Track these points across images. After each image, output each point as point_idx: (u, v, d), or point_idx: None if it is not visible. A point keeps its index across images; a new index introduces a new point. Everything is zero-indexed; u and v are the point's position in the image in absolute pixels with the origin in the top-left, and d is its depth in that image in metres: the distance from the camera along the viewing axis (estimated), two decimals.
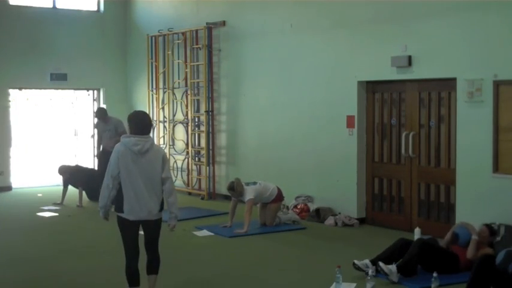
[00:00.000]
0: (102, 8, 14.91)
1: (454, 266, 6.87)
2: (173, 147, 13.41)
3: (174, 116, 13.46)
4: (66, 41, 14.25)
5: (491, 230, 7.15)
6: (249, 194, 9.27)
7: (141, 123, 5.73)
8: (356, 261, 6.93)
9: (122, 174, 5.60)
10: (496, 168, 8.00)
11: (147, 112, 13.93)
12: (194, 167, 13.00)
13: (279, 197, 9.66)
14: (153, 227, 5.79)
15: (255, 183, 9.55)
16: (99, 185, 10.22)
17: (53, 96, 14.56)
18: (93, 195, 12.11)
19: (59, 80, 14.21)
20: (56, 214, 10.92)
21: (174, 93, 13.45)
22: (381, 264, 6.64)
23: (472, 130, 8.26)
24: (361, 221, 9.79)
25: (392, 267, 6.63)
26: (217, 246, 8.55)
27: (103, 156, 10.99)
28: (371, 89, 9.78)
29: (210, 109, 12.51)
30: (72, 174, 11.89)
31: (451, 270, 6.82)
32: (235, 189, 9.33)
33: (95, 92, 15.01)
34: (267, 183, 9.68)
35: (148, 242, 5.87)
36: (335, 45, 10.08)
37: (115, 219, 5.76)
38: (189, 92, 12.98)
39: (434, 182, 8.97)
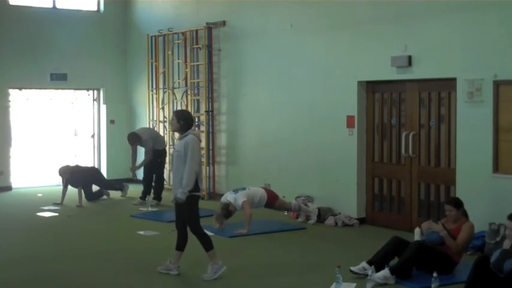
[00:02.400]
0: (102, 8, 14.89)
1: (448, 267, 6.84)
2: (173, 147, 13.39)
3: None
4: (66, 41, 14.23)
5: (455, 203, 7.05)
6: (241, 198, 9.19)
7: (192, 120, 7.07)
8: (352, 268, 6.87)
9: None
10: (496, 168, 8.00)
11: (148, 112, 14.04)
12: None
13: (273, 197, 9.64)
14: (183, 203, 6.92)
15: (244, 188, 9.52)
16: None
17: (53, 96, 14.55)
18: (91, 196, 12.13)
19: (59, 80, 14.19)
20: (56, 214, 10.92)
21: (174, 93, 13.45)
22: (374, 276, 6.51)
23: (472, 130, 8.26)
24: (361, 221, 9.79)
25: (385, 273, 6.57)
26: (217, 246, 8.51)
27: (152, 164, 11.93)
28: (371, 89, 9.78)
29: (210, 109, 12.51)
30: (72, 175, 11.90)
31: (445, 271, 6.78)
32: (231, 210, 9.28)
33: (95, 92, 15.00)
34: (254, 187, 9.66)
35: (182, 217, 7.05)
36: (335, 45, 10.08)
37: None
38: (189, 92, 12.98)
39: (434, 182, 8.97)
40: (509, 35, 7.87)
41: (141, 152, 12.13)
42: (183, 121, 6.91)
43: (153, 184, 11.98)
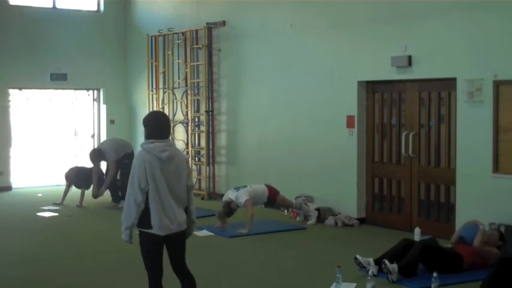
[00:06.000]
0: (102, 8, 14.91)
1: (457, 266, 6.89)
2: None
3: (174, 116, 13.45)
4: (66, 41, 14.25)
5: (500, 234, 7.24)
6: (243, 196, 9.21)
7: (161, 125, 5.08)
8: (358, 256, 6.99)
9: (149, 186, 4.94)
10: (496, 168, 8.00)
11: (147, 112, 14.00)
12: (194, 167, 12.99)
13: (274, 191, 9.71)
14: (181, 239, 5.21)
15: (245, 186, 9.55)
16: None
17: (53, 96, 14.56)
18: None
19: (59, 80, 14.21)
20: (56, 214, 10.93)
21: (174, 93, 13.45)
22: (386, 262, 6.66)
23: (472, 130, 8.26)
24: (361, 221, 9.79)
25: (395, 267, 6.65)
26: (217, 246, 8.55)
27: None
28: (371, 89, 9.78)
29: (210, 109, 12.51)
30: (78, 176, 11.83)
31: (454, 270, 6.85)
32: (233, 208, 9.28)
33: (95, 92, 15.01)
34: (255, 185, 9.71)
35: (177, 258, 5.25)
36: (335, 45, 10.08)
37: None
38: (189, 92, 12.98)
39: (434, 182, 8.97)
40: (510, 35, 7.87)
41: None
42: (147, 128, 5.16)
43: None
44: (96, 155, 11.53)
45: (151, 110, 13.89)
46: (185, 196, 5.15)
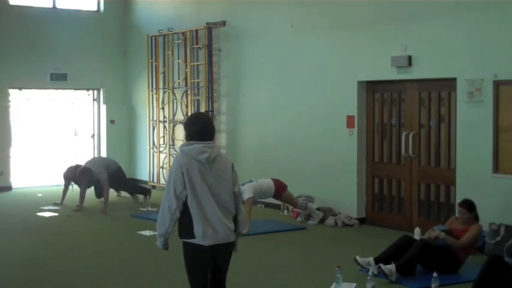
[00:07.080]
0: (102, 8, 14.90)
1: (455, 266, 6.89)
2: (173, 147, 13.41)
3: (174, 116, 13.45)
4: (66, 41, 14.24)
5: (468, 206, 7.09)
6: (248, 192, 9.16)
7: (200, 126, 4.67)
8: (358, 258, 6.99)
9: (187, 191, 4.55)
10: (496, 168, 8.00)
11: (148, 112, 13.99)
12: None
13: (281, 186, 9.63)
14: (228, 253, 4.83)
15: (251, 181, 9.52)
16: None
17: (53, 96, 14.56)
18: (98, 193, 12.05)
19: (59, 80, 14.20)
20: (56, 214, 10.92)
21: (174, 93, 13.45)
22: (382, 266, 6.66)
23: (472, 130, 8.26)
24: (361, 221, 9.79)
25: (392, 267, 6.65)
26: None
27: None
28: (371, 89, 9.79)
29: (210, 109, 12.51)
30: (76, 176, 11.77)
31: (452, 270, 6.85)
32: None
33: (95, 92, 15.01)
34: (261, 179, 9.64)
35: (219, 274, 4.87)
36: (335, 45, 10.08)
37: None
38: (189, 92, 12.98)
39: (434, 182, 8.97)
40: (510, 35, 7.87)
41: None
42: (187, 130, 4.81)
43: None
44: (86, 174, 11.26)
45: (151, 110, 13.92)
46: (231, 203, 4.70)
